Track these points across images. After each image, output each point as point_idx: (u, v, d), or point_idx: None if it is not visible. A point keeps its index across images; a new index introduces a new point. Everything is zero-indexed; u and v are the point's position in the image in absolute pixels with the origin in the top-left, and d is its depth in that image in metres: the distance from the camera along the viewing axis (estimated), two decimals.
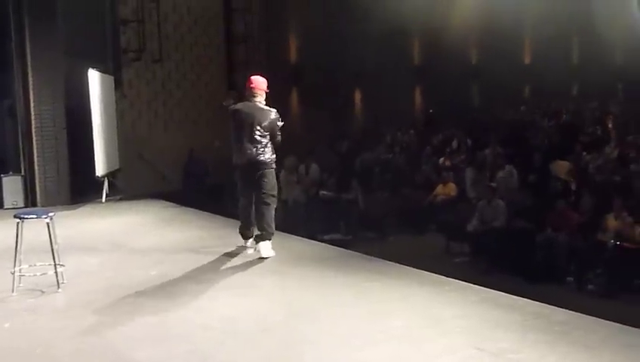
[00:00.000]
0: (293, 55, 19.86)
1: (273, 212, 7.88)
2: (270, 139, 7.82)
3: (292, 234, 9.58)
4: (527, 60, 27.65)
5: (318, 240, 9.85)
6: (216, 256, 8.06)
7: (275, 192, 7.95)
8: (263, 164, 7.77)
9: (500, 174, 13.11)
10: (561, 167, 13.43)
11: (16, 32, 12.21)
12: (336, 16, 19.20)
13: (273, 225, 7.86)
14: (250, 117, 7.80)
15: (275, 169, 8.01)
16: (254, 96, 7.93)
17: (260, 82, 8.00)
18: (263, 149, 7.76)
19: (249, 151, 7.76)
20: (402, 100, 22.65)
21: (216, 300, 6.39)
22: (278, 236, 9.20)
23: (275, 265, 7.63)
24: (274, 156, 7.88)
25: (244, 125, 7.80)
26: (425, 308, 5.99)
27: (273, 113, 7.87)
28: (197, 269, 7.49)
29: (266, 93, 8.01)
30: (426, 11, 21.07)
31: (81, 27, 13.37)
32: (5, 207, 12.08)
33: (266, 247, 7.81)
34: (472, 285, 6.68)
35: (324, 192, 13.87)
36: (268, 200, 7.81)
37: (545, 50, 25.89)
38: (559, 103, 24.73)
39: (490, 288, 6.52)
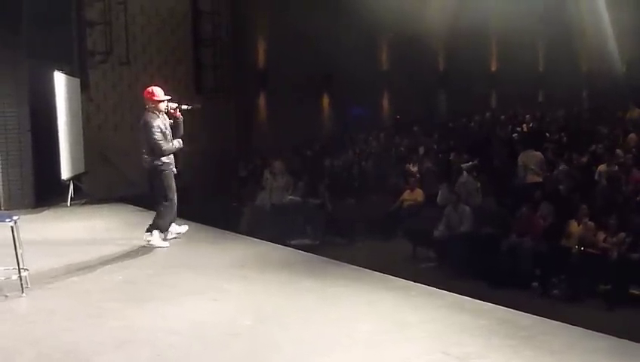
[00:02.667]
0: (261, 58, 19.84)
1: (162, 209, 8.65)
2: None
3: (259, 238, 9.58)
4: (493, 67, 27.94)
5: (286, 245, 9.85)
6: (183, 261, 8.03)
7: (166, 193, 8.65)
8: (152, 170, 8.64)
9: (461, 179, 13.21)
10: (533, 158, 13.27)
11: None
12: (305, 19, 19.23)
13: (162, 220, 8.67)
14: (141, 127, 8.71)
15: (166, 171, 8.64)
16: (146, 107, 8.72)
17: (148, 93, 8.72)
18: (149, 157, 8.61)
19: (144, 157, 8.71)
20: (371, 105, 22.76)
21: (182, 305, 6.35)
22: (246, 240, 9.17)
23: (242, 269, 7.62)
24: (159, 161, 8.57)
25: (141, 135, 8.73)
26: (391, 312, 6.02)
27: (149, 123, 8.56)
28: (163, 274, 7.45)
29: (157, 102, 8.66)
30: (395, 17, 21.20)
31: (47, 29, 13.19)
32: None
33: (156, 237, 8.59)
34: (438, 290, 6.73)
35: (292, 197, 13.87)
36: (160, 201, 8.66)
37: (512, 57, 26.18)
38: (525, 110, 24.99)
39: (457, 293, 6.58)
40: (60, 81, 12.59)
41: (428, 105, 24.67)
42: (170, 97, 8.79)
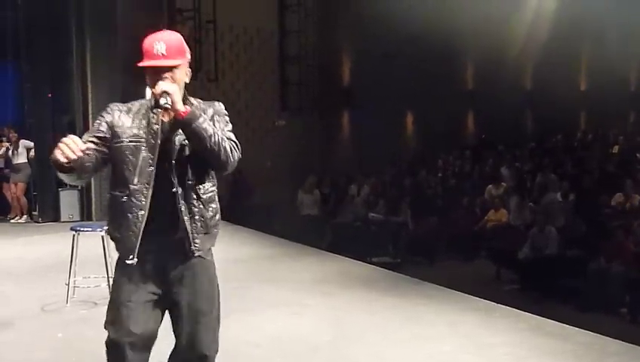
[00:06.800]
0: (345, 76, 19.95)
1: None
2: None
3: (340, 255, 9.59)
4: (583, 87, 27.29)
5: (367, 262, 9.84)
6: (265, 275, 8.11)
7: None
8: None
9: (545, 199, 12.95)
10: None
11: (78, 50, 12.55)
12: (389, 38, 19.24)
13: None
14: None
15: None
16: None
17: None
18: None
19: None
20: (455, 124, 22.56)
21: (263, 318, 6.41)
22: (327, 256, 9.17)
23: (323, 285, 7.65)
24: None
25: None
26: (473, 334, 5.93)
27: None
28: (246, 287, 7.52)
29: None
30: (479, 35, 21.00)
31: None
32: (62, 220, 12.37)
33: None
34: (522, 312, 6.60)
35: (374, 214, 13.85)
36: None
37: (602, 77, 25.53)
38: (616, 131, 24.28)
39: (541, 316, 6.43)
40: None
41: (514, 125, 24.27)
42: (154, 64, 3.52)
